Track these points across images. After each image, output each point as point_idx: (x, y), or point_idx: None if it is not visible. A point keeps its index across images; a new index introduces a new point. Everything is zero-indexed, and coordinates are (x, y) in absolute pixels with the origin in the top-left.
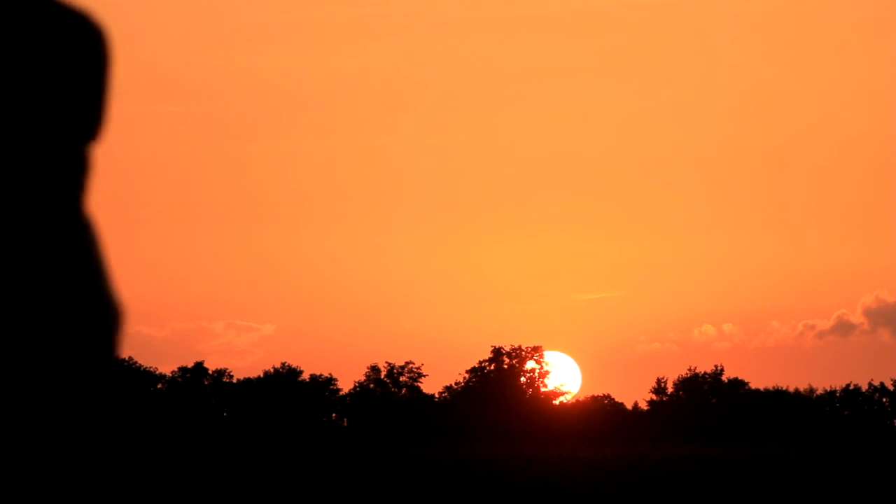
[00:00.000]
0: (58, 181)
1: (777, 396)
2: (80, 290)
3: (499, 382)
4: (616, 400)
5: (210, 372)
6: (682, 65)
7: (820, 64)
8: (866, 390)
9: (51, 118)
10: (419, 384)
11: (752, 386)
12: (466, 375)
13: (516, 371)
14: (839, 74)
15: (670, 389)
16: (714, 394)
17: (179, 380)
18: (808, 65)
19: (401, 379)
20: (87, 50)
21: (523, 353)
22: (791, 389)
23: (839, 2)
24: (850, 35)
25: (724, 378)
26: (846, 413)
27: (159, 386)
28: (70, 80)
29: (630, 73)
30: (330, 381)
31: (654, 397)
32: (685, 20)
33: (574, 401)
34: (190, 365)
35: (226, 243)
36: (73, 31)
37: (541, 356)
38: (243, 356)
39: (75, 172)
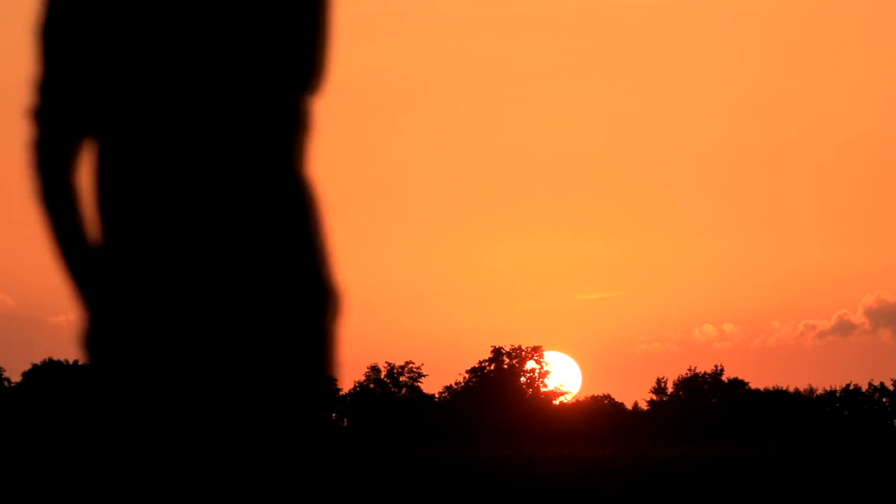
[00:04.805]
0: (274, 138)
1: (777, 396)
2: (295, 273)
3: (499, 382)
4: (616, 400)
5: None
6: (682, 65)
7: (820, 64)
8: (866, 390)
9: (265, 65)
10: (419, 384)
11: (752, 386)
12: (466, 375)
13: (516, 371)
14: (839, 74)
15: (670, 389)
16: (714, 394)
17: None
18: (808, 65)
19: (401, 379)
20: None
21: (523, 353)
22: (791, 389)
23: (839, 2)
24: (850, 35)
25: (724, 378)
26: (846, 413)
27: None
28: (287, 21)
29: (630, 73)
30: (330, 381)
31: (654, 397)
32: (685, 20)
33: (574, 401)
34: None
35: None
36: None
37: (541, 356)
38: None
39: (292, 128)
